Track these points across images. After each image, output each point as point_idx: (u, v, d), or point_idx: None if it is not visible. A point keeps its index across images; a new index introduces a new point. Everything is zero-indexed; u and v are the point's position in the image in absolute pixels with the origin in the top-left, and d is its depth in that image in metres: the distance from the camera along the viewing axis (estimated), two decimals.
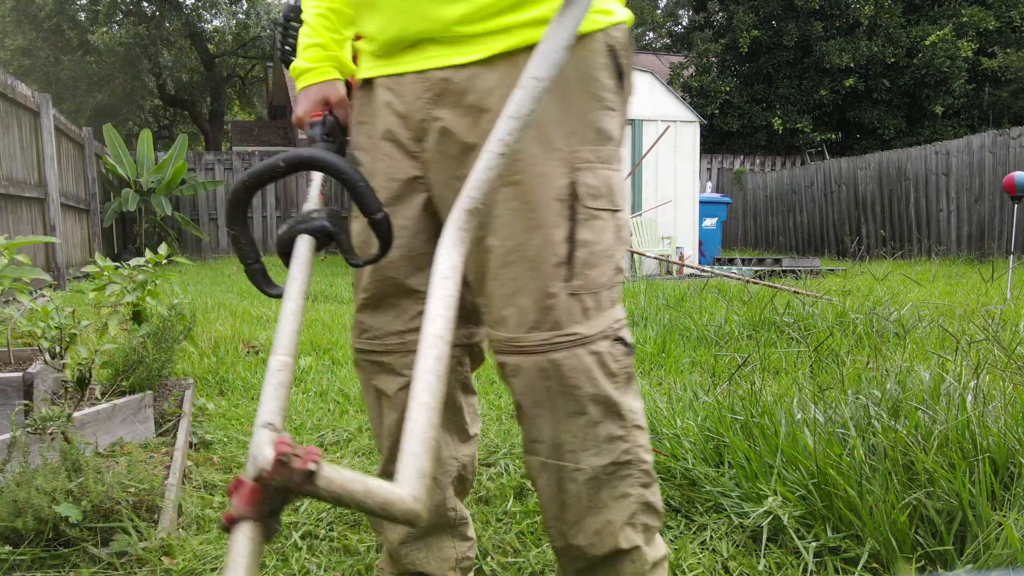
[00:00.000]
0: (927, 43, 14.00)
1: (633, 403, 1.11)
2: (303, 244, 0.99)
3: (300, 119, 1.24)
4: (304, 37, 1.24)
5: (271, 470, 0.66)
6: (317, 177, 1.16)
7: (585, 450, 1.07)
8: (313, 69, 1.22)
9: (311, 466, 0.65)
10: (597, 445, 1.08)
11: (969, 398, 1.84)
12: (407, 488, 0.69)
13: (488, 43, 1.04)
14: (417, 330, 1.20)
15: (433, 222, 1.19)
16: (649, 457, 1.14)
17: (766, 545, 1.63)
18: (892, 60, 14.72)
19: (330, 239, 1.02)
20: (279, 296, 0.97)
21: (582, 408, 1.06)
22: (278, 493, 0.67)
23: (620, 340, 1.09)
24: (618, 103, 1.10)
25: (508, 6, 1.03)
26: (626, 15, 1.13)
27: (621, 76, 1.09)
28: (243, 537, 0.67)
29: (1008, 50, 14.63)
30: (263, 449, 0.67)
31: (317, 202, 1.12)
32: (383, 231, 1.01)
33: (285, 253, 1.00)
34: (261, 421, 0.73)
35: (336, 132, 1.22)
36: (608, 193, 1.07)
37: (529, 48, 1.00)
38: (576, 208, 1.04)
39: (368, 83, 1.19)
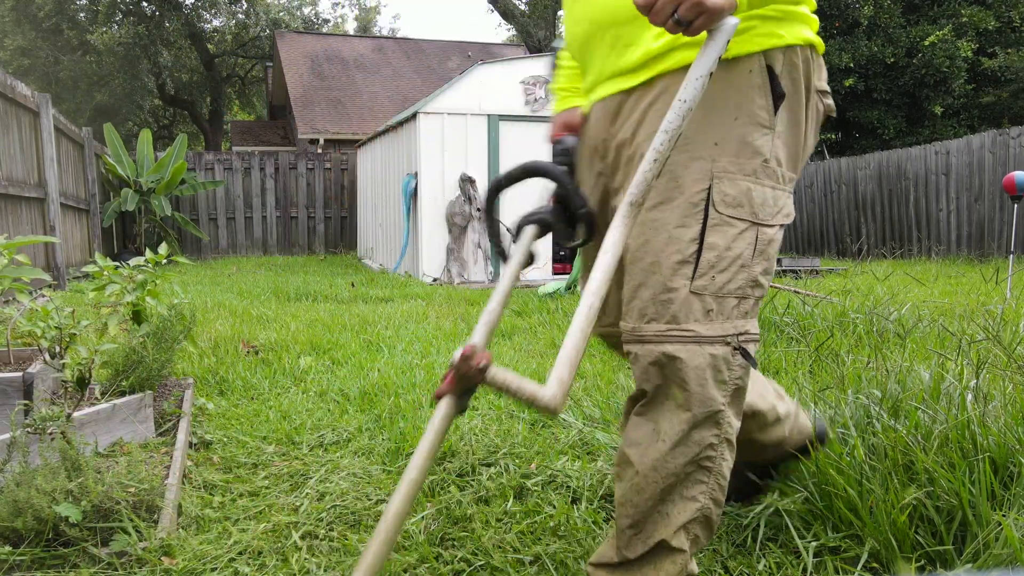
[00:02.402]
0: (927, 43, 13.99)
1: (734, 418, 1.15)
2: (527, 232, 1.30)
3: (551, 138, 1.48)
4: (556, 80, 1.55)
5: (458, 362, 1.01)
6: (551, 184, 1.39)
7: (676, 445, 1.12)
8: (559, 100, 1.52)
9: (483, 363, 1.01)
10: (687, 444, 1.12)
11: (969, 398, 1.84)
12: (549, 390, 0.97)
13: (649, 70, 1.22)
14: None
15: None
16: (728, 475, 1.17)
17: (766, 545, 1.63)
18: (892, 60, 14.72)
19: (548, 228, 1.29)
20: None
21: (687, 404, 1.11)
22: (464, 379, 1.02)
23: (742, 352, 1.13)
24: (778, 121, 1.15)
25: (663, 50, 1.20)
26: (803, 38, 1.17)
27: (779, 97, 1.13)
28: (442, 407, 1.05)
29: (1008, 50, 14.63)
30: (457, 351, 1.02)
31: (547, 203, 1.35)
32: (588, 221, 1.29)
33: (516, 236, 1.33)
34: (470, 340, 1.07)
35: (569, 151, 1.42)
36: (748, 204, 1.12)
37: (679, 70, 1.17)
38: (709, 212, 1.11)
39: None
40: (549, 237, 9.06)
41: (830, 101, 1.25)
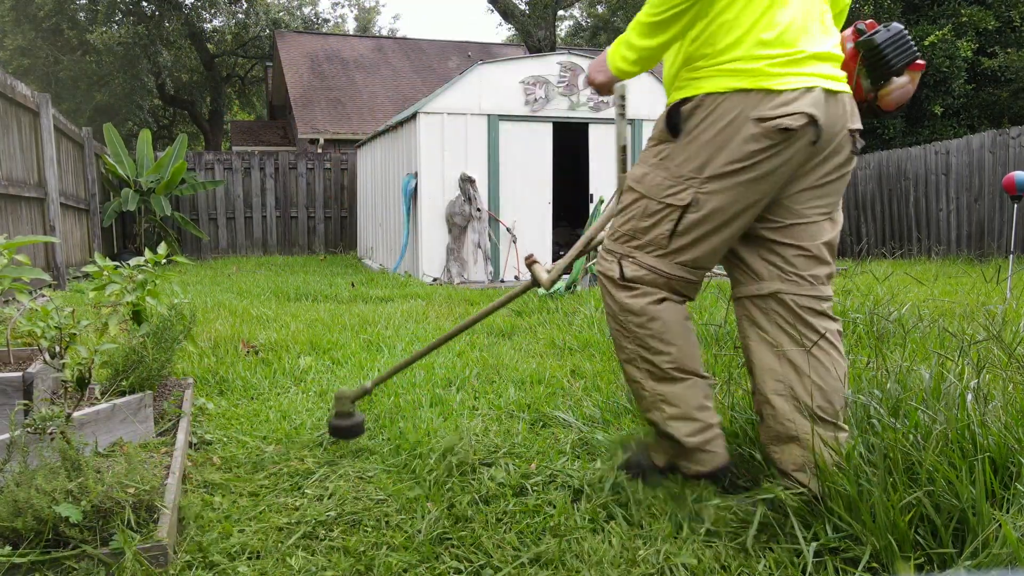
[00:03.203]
0: (926, 43, 13.98)
1: (626, 299, 1.81)
2: None
3: None
4: None
5: (525, 257, 2.24)
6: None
7: (607, 309, 1.89)
8: None
9: (530, 259, 2.19)
10: (609, 308, 1.87)
11: (969, 398, 1.84)
12: (545, 277, 2.12)
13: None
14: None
15: None
16: (638, 328, 1.80)
17: (766, 545, 1.63)
18: None
19: None
20: None
21: (604, 286, 1.88)
22: (528, 266, 2.18)
23: (620, 267, 1.83)
24: (683, 138, 1.74)
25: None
26: (728, 87, 1.66)
27: (676, 126, 1.75)
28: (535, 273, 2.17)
29: (1008, 50, 14.62)
30: (531, 258, 2.21)
31: None
32: None
33: None
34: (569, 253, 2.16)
35: None
36: (642, 182, 1.81)
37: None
38: (625, 184, 1.88)
39: None
40: (550, 241, 9.07)
41: (779, 121, 1.61)
